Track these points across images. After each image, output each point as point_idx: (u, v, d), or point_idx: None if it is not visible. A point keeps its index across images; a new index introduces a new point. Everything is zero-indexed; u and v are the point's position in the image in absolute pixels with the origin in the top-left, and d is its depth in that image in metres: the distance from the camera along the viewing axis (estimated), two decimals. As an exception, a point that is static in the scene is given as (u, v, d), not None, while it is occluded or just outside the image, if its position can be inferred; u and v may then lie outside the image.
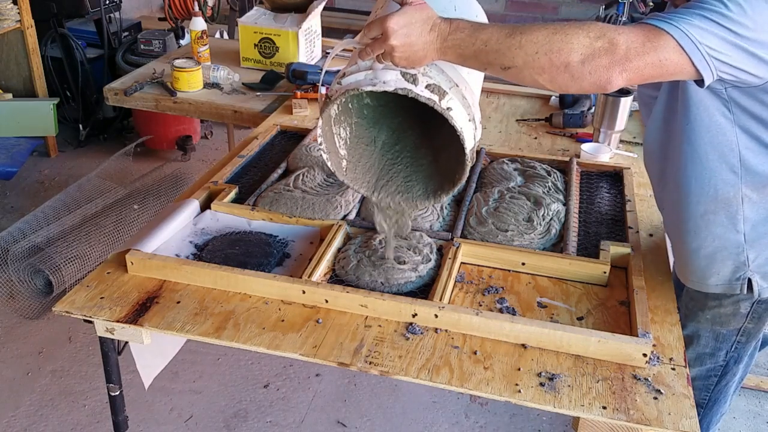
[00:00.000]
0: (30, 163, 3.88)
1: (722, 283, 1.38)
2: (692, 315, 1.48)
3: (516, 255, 1.50)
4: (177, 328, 1.31)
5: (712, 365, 1.50)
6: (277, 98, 2.45)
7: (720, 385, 1.52)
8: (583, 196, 1.76)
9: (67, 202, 3.12)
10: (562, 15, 5.05)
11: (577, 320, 1.37)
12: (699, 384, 1.52)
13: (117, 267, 1.47)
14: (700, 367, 1.51)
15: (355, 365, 1.24)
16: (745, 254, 1.33)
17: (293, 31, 2.64)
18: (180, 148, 4.01)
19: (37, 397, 2.42)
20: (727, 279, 1.37)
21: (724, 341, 1.47)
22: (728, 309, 1.42)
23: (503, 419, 2.38)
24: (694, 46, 1.06)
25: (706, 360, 1.50)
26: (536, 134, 2.20)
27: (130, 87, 2.53)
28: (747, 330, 1.44)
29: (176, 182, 3.40)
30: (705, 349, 1.49)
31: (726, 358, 1.48)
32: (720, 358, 1.49)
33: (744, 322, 1.43)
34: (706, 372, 1.51)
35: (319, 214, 1.61)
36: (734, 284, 1.37)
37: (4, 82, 3.85)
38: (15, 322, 2.76)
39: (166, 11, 3.97)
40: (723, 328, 1.45)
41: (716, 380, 1.51)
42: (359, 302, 1.34)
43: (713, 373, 1.51)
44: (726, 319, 1.44)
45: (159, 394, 2.44)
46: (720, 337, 1.47)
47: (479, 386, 1.20)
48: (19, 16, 3.63)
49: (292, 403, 2.43)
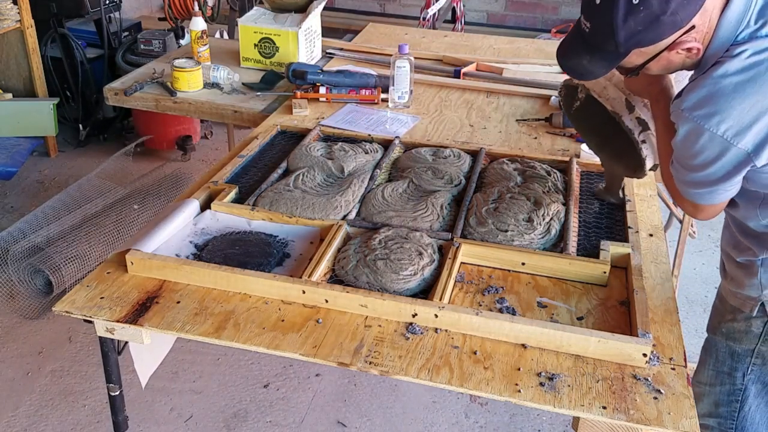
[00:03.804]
0: (30, 163, 3.88)
1: (740, 295, 1.44)
2: (711, 324, 1.54)
3: (516, 255, 1.50)
4: (177, 328, 1.31)
5: (730, 386, 1.52)
6: (277, 98, 2.45)
7: (744, 410, 1.53)
8: (583, 196, 1.76)
9: (67, 202, 3.12)
10: (562, 15, 5.05)
11: (577, 320, 1.37)
12: (723, 411, 1.54)
13: (117, 267, 1.47)
14: (721, 386, 1.53)
15: (355, 365, 1.24)
16: (759, 278, 1.39)
17: (293, 31, 2.64)
18: (180, 148, 4.01)
19: (37, 397, 2.42)
20: (744, 296, 1.43)
21: (740, 361, 1.49)
22: (741, 325, 1.46)
23: (503, 419, 2.38)
24: (719, 197, 1.30)
25: (725, 380, 1.52)
26: (536, 134, 2.20)
27: (130, 87, 2.53)
28: (762, 353, 1.46)
29: (176, 182, 3.40)
30: (723, 366, 1.52)
31: (744, 381, 1.50)
32: (738, 380, 1.51)
33: (757, 343, 1.45)
34: (727, 396, 1.53)
35: (319, 214, 1.61)
36: (747, 302, 1.43)
37: (4, 82, 3.85)
38: (15, 322, 2.76)
39: (166, 11, 3.97)
40: (737, 345, 1.48)
41: (739, 406, 1.53)
42: (359, 302, 1.35)
43: (734, 398, 1.52)
44: (739, 336, 1.47)
45: (159, 394, 2.44)
46: (735, 356, 1.49)
47: (479, 386, 1.20)
48: (19, 16, 3.63)
49: (292, 403, 2.43)
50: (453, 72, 2.65)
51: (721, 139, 1.18)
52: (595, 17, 1.21)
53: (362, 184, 1.73)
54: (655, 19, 1.15)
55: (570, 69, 1.33)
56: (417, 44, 3.01)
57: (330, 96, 2.35)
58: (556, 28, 4.92)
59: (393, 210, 1.63)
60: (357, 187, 1.71)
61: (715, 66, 1.20)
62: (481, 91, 2.54)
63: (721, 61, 1.19)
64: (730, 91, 1.16)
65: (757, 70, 1.15)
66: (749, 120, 1.16)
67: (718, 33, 1.20)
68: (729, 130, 1.17)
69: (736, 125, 1.17)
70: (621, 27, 1.16)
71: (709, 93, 1.18)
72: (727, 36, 1.19)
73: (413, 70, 2.32)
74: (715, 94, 1.18)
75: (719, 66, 1.19)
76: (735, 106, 1.16)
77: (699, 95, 1.19)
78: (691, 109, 1.20)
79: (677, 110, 1.23)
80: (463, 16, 4.63)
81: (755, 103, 1.15)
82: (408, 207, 1.64)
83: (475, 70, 2.70)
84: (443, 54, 2.85)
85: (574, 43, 1.30)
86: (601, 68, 1.28)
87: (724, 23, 1.19)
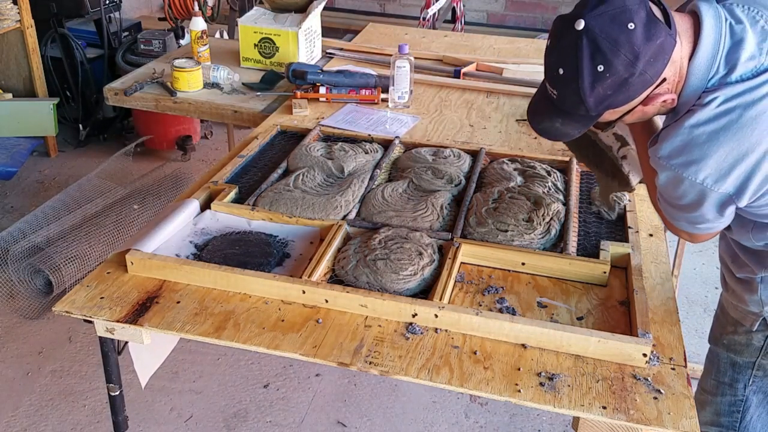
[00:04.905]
0: (30, 163, 3.88)
1: (741, 308, 1.44)
2: (713, 335, 1.54)
3: (516, 255, 1.50)
4: (177, 328, 1.31)
5: (731, 397, 1.52)
6: (277, 98, 2.45)
7: (745, 420, 1.53)
8: (583, 196, 1.76)
9: (67, 202, 3.12)
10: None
11: (577, 320, 1.37)
12: (725, 421, 1.54)
13: (117, 267, 1.47)
14: (722, 397, 1.53)
15: (355, 365, 1.24)
16: (759, 295, 1.39)
17: (293, 31, 2.64)
18: (180, 148, 4.01)
19: (37, 397, 2.42)
20: (745, 310, 1.43)
21: (741, 372, 1.49)
22: (742, 338, 1.46)
23: (503, 419, 2.38)
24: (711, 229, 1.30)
25: (726, 390, 1.52)
26: (536, 134, 2.19)
27: (130, 87, 2.53)
28: (763, 366, 1.46)
29: (176, 182, 3.40)
30: (724, 377, 1.52)
31: (745, 392, 1.50)
32: (739, 391, 1.51)
33: (758, 356, 1.45)
34: (728, 407, 1.53)
35: (319, 214, 1.61)
36: (748, 317, 1.43)
37: (4, 82, 3.85)
38: (15, 322, 2.76)
39: (166, 11, 3.96)
40: (738, 357, 1.48)
41: (740, 416, 1.53)
42: (359, 302, 1.35)
43: (735, 408, 1.52)
44: (740, 348, 1.47)
45: (159, 394, 2.44)
46: (737, 367, 1.49)
47: (479, 386, 1.20)
48: (19, 16, 3.63)
49: (292, 403, 2.43)
50: (453, 72, 2.65)
51: (701, 186, 1.17)
52: (561, 86, 1.18)
53: (362, 184, 1.73)
54: (624, 82, 1.12)
55: (543, 132, 1.30)
56: (417, 44, 3.01)
57: (330, 96, 2.35)
58: (556, 28, 4.91)
59: (393, 210, 1.63)
60: (357, 187, 1.71)
61: (687, 114, 1.18)
62: (481, 91, 2.54)
63: (693, 109, 1.17)
64: (705, 141, 1.15)
65: (729, 118, 1.14)
66: (727, 167, 1.15)
67: (689, 81, 1.18)
68: (708, 178, 1.16)
69: (715, 173, 1.15)
70: (589, 95, 1.14)
71: (683, 143, 1.16)
72: (698, 84, 1.18)
73: (413, 70, 2.32)
74: (689, 143, 1.16)
75: (691, 115, 1.17)
76: (711, 155, 1.14)
77: (673, 144, 1.18)
78: (668, 157, 1.19)
79: (654, 157, 1.22)
80: (463, 16, 4.63)
81: (731, 150, 1.14)
82: (408, 207, 1.64)
83: (475, 70, 2.70)
84: (443, 54, 2.85)
85: (543, 107, 1.26)
86: (574, 129, 1.26)
87: (693, 71, 1.17)
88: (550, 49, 1.19)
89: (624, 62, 1.11)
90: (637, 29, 1.11)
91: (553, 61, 1.17)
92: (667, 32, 1.13)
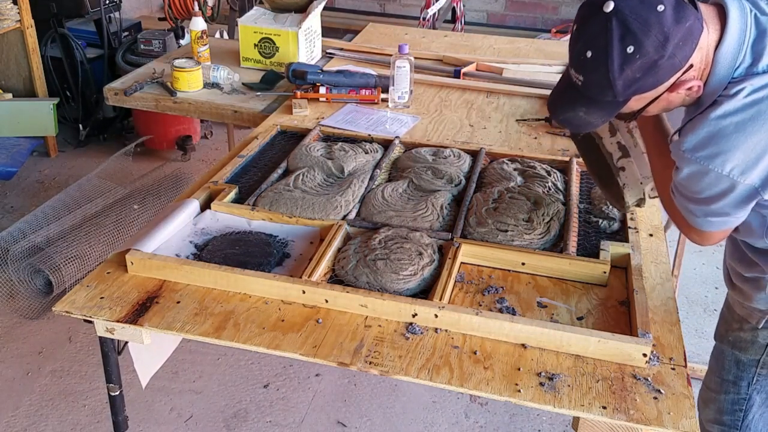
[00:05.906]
0: (30, 163, 3.88)
1: (747, 306, 1.43)
2: (719, 332, 1.54)
3: (516, 255, 1.50)
4: (177, 328, 1.31)
5: (735, 395, 1.52)
6: (277, 98, 2.45)
7: (748, 419, 1.53)
8: (583, 196, 1.76)
9: (67, 202, 3.12)
10: (562, 15, 5.05)
11: (577, 320, 1.37)
12: (727, 419, 1.54)
13: (117, 267, 1.47)
14: (725, 395, 1.53)
15: (355, 365, 1.24)
16: (767, 292, 1.39)
17: (293, 31, 2.64)
18: (180, 148, 4.01)
19: (37, 397, 2.42)
20: (752, 308, 1.43)
21: (745, 370, 1.49)
22: (747, 335, 1.46)
23: (503, 419, 2.38)
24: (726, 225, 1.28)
25: (730, 388, 1.52)
26: (536, 134, 2.20)
27: (130, 87, 2.53)
28: (767, 363, 1.46)
29: (176, 182, 3.40)
30: (728, 375, 1.52)
31: (749, 391, 1.50)
32: (742, 389, 1.51)
33: (763, 353, 1.45)
34: (731, 405, 1.53)
35: (319, 214, 1.61)
36: (755, 314, 1.42)
37: (4, 82, 3.85)
38: (15, 322, 2.76)
39: (166, 11, 3.96)
40: (743, 355, 1.48)
41: (743, 415, 1.53)
42: (359, 302, 1.35)
43: (738, 407, 1.52)
44: (745, 345, 1.47)
45: (159, 394, 2.44)
46: (741, 365, 1.49)
47: (479, 386, 1.20)
48: (19, 16, 3.63)
49: (292, 403, 2.43)
50: (453, 72, 2.65)
51: (728, 177, 1.16)
52: (588, 70, 1.17)
53: (362, 184, 1.73)
54: (653, 65, 1.12)
55: (566, 122, 1.29)
56: (417, 44, 3.01)
57: (330, 96, 2.35)
58: (556, 28, 4.91)
59: (393, 210, 1.63)
60: (357, 187, 1.71)
61: (713, 106, 1.17)
62: (481, 91, 2.54)
63: (719, 100, 1.17)
64: (732, 131, 1.14)
65: (757, 109, 1.13)
66: (754, 157, 1.14)
67: (715, 70, 1.17)
68: (735, 169, 1.15)
69: (742, 164, 1.15)
70: (618, 77, 1.13)
71: (710, 134, 1.16)
72: (724, 73, 1.17)
73: (413, 70, 2.32)
74: (716, 134, 1.15)
75: (717, 106, 1.16)
76: (738, 146, 1.14)
77: (699, 136, 1.17)
78: (693, 150, 1.18)
79: (678, 151, 1.21)
80: (463, 16, 4.63)
81: (759, 141, 1.13)
82: (408, 207, 1.64)
83: (475, 70, 2.70)
84: (443, 54, 2.84)
85: (566, 96, 1.25)
86: (599, 119, 1.25)
87: (720, 59, 1.17)
88: (576, 34, 1.18)
89: (654, 43, 1.10)
90: (667, 11, 1.10)
91: (581, 46, 1.16)
92: (696, 16, 1.13)
